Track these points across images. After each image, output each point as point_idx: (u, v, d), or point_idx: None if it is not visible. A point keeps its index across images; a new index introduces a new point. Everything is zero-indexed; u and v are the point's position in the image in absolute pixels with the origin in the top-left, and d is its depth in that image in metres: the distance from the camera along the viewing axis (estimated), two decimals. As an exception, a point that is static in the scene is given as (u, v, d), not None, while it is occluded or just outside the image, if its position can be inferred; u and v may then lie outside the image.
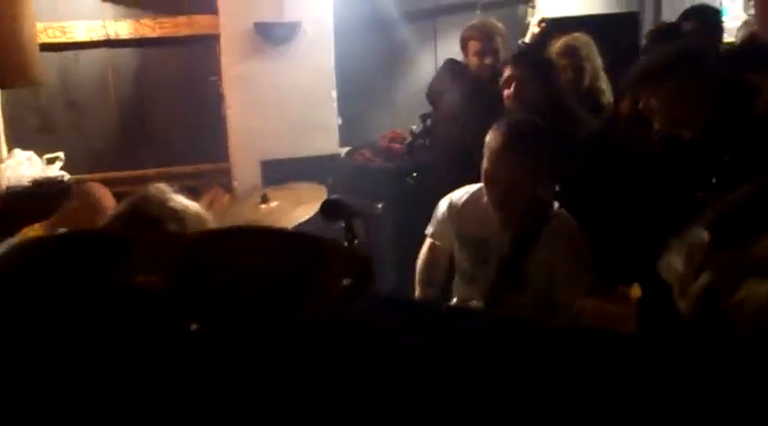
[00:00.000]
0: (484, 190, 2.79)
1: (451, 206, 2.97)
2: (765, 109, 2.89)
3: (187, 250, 1.19)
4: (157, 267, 1.14)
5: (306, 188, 3.96)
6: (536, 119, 2.86)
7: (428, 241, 3.11)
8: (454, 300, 2.93)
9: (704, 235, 1.32)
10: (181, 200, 2.01)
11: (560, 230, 2.71)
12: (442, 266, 3.07)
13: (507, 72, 3.58)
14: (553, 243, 2.68)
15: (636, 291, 2.45)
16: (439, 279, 3.09)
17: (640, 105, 2.82)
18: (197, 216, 1.98)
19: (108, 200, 3.39)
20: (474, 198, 2.90)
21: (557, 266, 2.66)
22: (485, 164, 2.71)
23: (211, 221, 2.03)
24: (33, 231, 3.25)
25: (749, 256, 1.21)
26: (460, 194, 2.97)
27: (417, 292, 3.12)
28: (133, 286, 1.12)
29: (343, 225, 2.61)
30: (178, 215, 1.94)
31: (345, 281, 1.12)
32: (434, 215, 3.07)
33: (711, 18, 4.14)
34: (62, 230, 3.18)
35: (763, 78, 2.91)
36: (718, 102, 2.70)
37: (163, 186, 2.05)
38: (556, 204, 2.83)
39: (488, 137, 2.73)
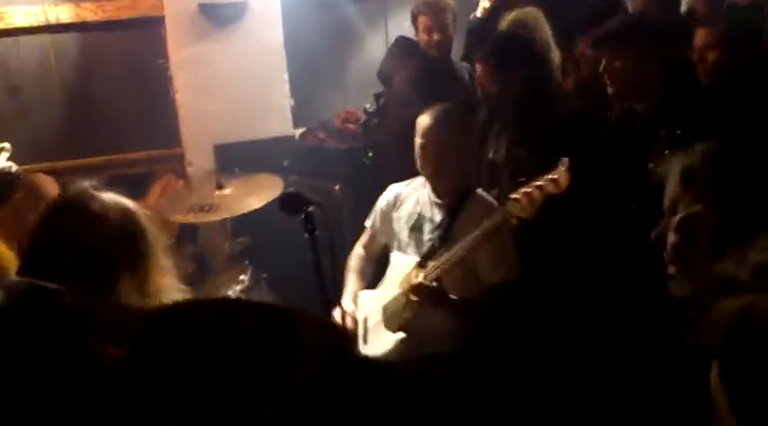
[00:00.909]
0: (419, 179, 3.11)
1: (389, 195, 3.23)
2: (707, 80, 2.97)
3: (147, 326, 1.19)
4: (118, 339, 1.13)
5: (261, 175, 3.92)
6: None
7: (364, 235, 3.34)
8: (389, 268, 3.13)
9: None
10: (103, 201, 1.93)
11: (481, 205, 2.99)
12: (372, 260, 3.30)
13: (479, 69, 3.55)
14: (474, 214, 2.91)
15: None
16: (368, 272, 3.30)
17: (602, 66, 2.87)
18: (124, 213, 1.92)
19: (53, 191, 3.31)
20: (409, 184, 3.20)
21: (477, 243, 2.79)
22: (418, 140, 2.99)
23: (148, 215, 1.99)
24: None
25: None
26: (397, 185, 3.25)
27: (349, 279, 3.26)
28: (95, 360, 1.11)
29: (302, 217, 2.63)
30: (101, 219, 1.87)
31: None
32: (374, 207, 3.27)
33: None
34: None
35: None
36: (671, 76, 2.75)
37: (84, 186, 2.00)
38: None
39: (421, 118, 3.02)
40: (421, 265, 2.91)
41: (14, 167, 4.32)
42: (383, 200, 3.23)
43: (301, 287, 3.13)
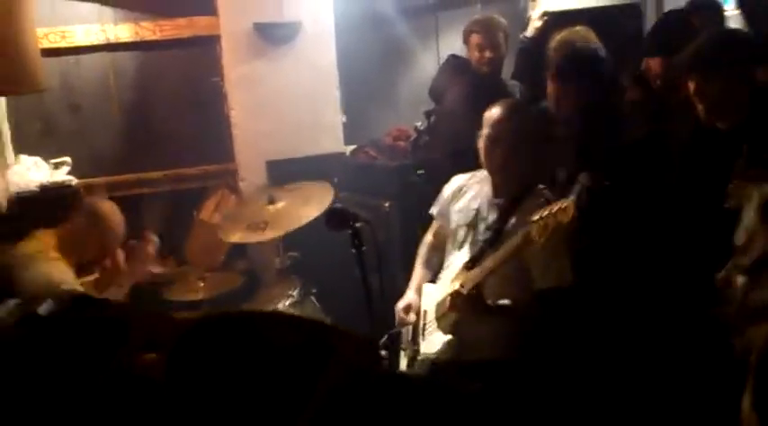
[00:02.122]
0: (482, 171, 3.05)
1: (452, 185, 3.21)
2: None
3: (186, 335, 1.21)
4: (156, 347, 1.16)
5: (311, 186, 3.97)
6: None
7: (434, 223, 3.30)
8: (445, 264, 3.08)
9: None
10: None
11: (536, 207, 2.80)
12: (441, 249, 3.21)
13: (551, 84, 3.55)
14: (527, 217, 2.77)
15: None
16: (436, 262, 3.23)
17: (692, 89, 2.80)
18: None
19: (115, 217, 3.40)
20: (472, 177, 3.15)
21: (504, 259, 2.72)
22: (486, 131, 2.94)
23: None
24: (42, 236, 3.26)
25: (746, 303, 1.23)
26: (462, 175, 3.22)
27: (416, 268, 3.26)
28: (133, 369, 1.14)
29: (349, 232, 2.65)
30: None
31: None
32: (439, 195, 3.25)
33: (714, 6, 4.12)
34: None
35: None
36: (758, 92, 2.70)
37: None
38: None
39: (491, 110, 2.96)
40: (468, 267, 2.86)
41: (74, 181, 4.47)
42: (447, 190, 3.21)
43: (349, 302, 3.15)
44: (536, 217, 2.54)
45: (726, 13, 4.50)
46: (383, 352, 2.93)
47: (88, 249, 3.30)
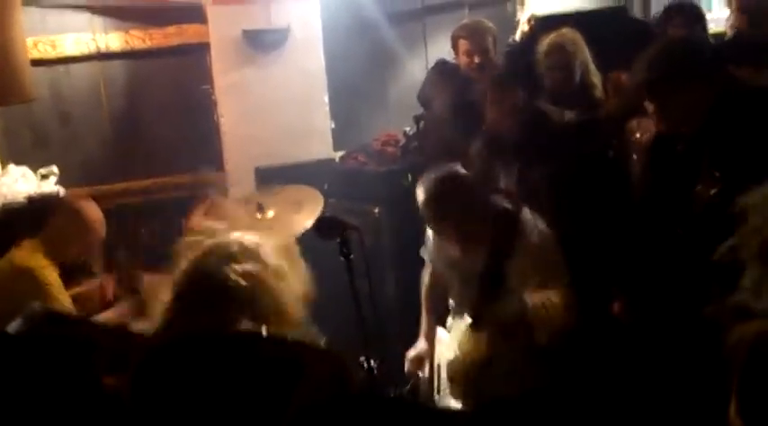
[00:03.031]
0: None
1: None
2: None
3: (150, 354, 1.22)
4: (123, 366, 1.17)
5: (299, 190, 3.94)
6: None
7: (427, 265, 3.19)
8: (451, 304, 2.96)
9: None
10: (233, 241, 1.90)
11: (531, 238, 2.76)
12: (442, 289, 3.13)
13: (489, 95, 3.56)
14: (527, 252, 2.72)
15: None
16: (442, 304, 3.15)
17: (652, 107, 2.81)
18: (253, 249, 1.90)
19: (93, 213, 3.41)
20: None
21: (529, 273, 2.67)
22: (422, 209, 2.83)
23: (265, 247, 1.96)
24: (29, 245, 3.27)
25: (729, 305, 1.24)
26: None
27: (423, 315, 3.17)
28: (100, 387, 1.15)
29: (337, 241, 2.64)
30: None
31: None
32: (425, 237, 3.13)
33: (692, 12, 4.14)
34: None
35: (750, 73, 2.92)
36: (720, 97, 2.70)
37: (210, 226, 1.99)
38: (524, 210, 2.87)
39: (418, 190, 2.86)
40: (473, 327, 2.72)
41: (62, 191, 4.47)
42: (429, 230, 3.08)
43: (339, 310, 3.15)
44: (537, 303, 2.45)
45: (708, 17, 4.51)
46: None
47: (71, 248, 3.32)
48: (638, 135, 3.21)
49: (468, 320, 2.81)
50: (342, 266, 2.72)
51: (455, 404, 2.76)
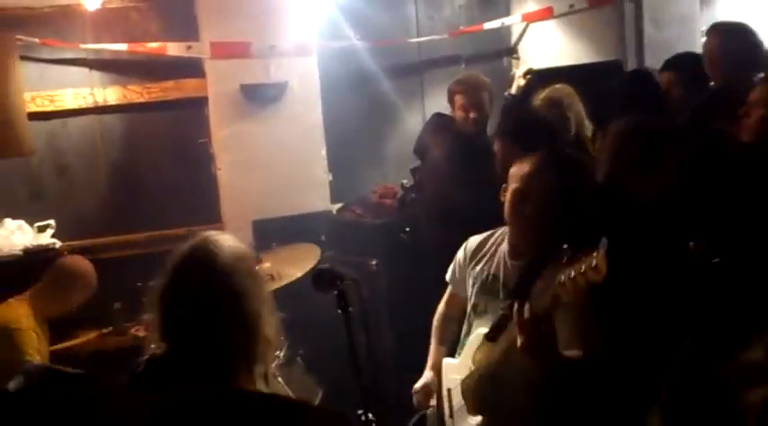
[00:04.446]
0: (499, 231, 2.81)
1: (468, 247, 2.94)
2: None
3: (155, 413, 1.20)
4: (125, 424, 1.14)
5: (297, 247, 3.95)
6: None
7: (448, 289, 3.09)
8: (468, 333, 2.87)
9: None
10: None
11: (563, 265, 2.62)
12: (456, 319, 3.02)
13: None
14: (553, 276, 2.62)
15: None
16: (452, 334, 3.05)
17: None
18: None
19: (83, 271, 3.42)
20: (488, 237, 2.89)
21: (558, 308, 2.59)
22: (513, 185, 2.65)
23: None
24: (9, 306, 3.26)
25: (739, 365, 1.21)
26: (478, 236, 2.94)
27: (432, 346, 3.08)
28: None
29: (335, 293, 2.60)
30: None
31: None
32: (454, 260, 3.01)
33: (689, 67, 4.18)
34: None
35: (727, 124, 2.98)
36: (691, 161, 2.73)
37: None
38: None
39: (519, 165, 2.68)
40: (490, 338, 2.59)
41: (58, 244, 4.46)
42: (461, 252, 2.94)
43: (337, 362, 3.11)
44: (563, 278, 2.28)
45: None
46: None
47: (59, 305, 3.32)
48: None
49: (482, 332, 2.68)
50: (339, 318, 2.69)
51: (472, 422, 2.67)
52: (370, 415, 2.74)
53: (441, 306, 3.15)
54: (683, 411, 2.62)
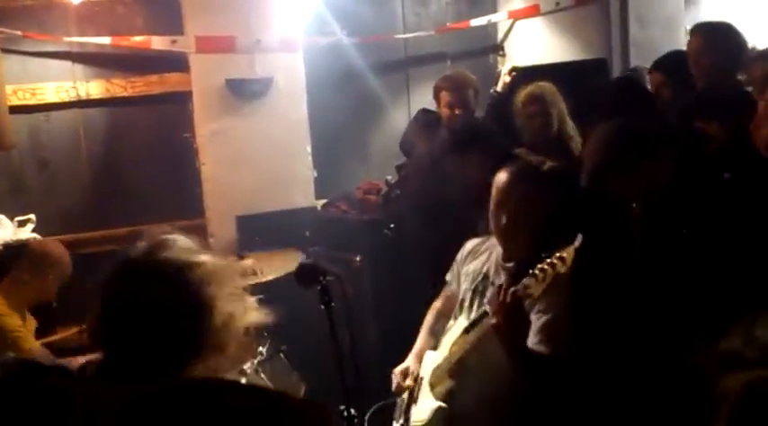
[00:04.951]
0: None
1: (466, 248, 3.07)
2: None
3: (133, 404, 1.18)
4: (100, 416, 1.13)
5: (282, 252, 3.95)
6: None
7: (444, 289, 3.17)
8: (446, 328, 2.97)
9: None
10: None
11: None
12: (448, 316, 3.07)
13: None
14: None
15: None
16: (441, 329, 3.09)
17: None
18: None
19: (53, 251, 3.39)
20: (485, 240, 3.00)
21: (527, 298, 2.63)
22: (493, 194, 2.80)
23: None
24: None
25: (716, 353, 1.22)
26: (475, 240, 3.07)
27: (420, 335, 3.14)
28: None
29: (318, 288, 2.60)
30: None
31: None
32: (453, 262, 3.12)
33: (678, 68, 4.19)
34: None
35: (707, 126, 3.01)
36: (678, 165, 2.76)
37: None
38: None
39: (499, 175, 2.82)
40: (467, 331, 2.71)
41: (38, 238, 4.41)
42: (460, 253, 3.08)
43: (320, 358, 3.10)
44: (536, 271, 2.43)
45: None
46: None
47: (33, 291, 3.30)
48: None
49: (461, 325, 2.79)
50: (323, 314, 2.68)
51: (431, 406, 2.73)
52: (352, 411, 2.76)
53: (436, 302, 3.22)
54: (659, 402, 2.65)
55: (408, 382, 2.95)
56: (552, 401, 2.64)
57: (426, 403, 2.80)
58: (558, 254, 2.44)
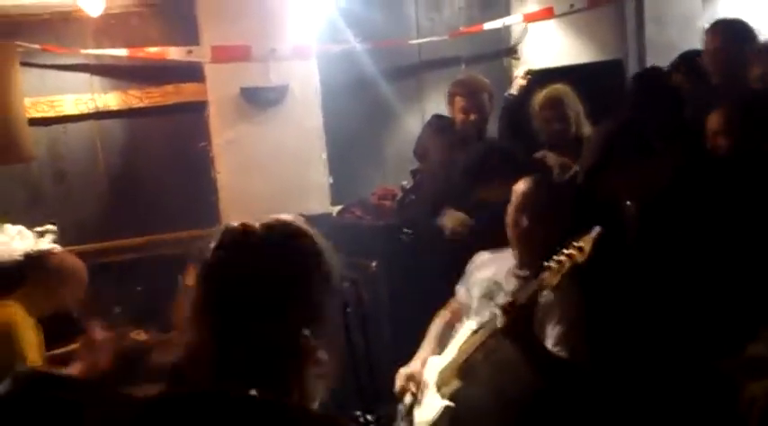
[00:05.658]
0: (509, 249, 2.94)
1: (476, 260, 3.13)
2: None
3: (143, 415, 1.19)
4: None
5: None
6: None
7: (453, 300, 3.21)
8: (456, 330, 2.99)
9: None
10: None
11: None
12: (455, 325, 3.11)
13: None
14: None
15: None
16: (447, 336, 3.11)
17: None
18: None
19: (71, 264, 3.42)
20: (497, 252, 3.06)
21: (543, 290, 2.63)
22: (512, 200, 2.88)
23: None
24: (3, 306, 3.26)
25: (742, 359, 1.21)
26: (486, 252, 3.13)
27: (426, 340, 3.15)
28: None
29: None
30: None
31: None
32: (464, 274, 3.16)
33: (697, 66, 4.16)
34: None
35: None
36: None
37: None
38: None
39: (518, 183, 2.92)
40: (475, 333, 2.77)
41: (58, 248, 4.44)
42: (470, 265, 3.14)
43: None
44: (551, 264, 2.50)
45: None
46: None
47: (50, 301, 3.32)
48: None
49: (470, 327, 2.84)
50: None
51: (439, 405, 2.76)
52: (368, 416, 2.75)
53: (444, 311, 3.24)
54: (685, 407, 2.61)
55: (411, 386, 2.96)
56: (571, 404, 2.63)
57: (432, 403, 2.81)
58: (575, 244, 2.45)
